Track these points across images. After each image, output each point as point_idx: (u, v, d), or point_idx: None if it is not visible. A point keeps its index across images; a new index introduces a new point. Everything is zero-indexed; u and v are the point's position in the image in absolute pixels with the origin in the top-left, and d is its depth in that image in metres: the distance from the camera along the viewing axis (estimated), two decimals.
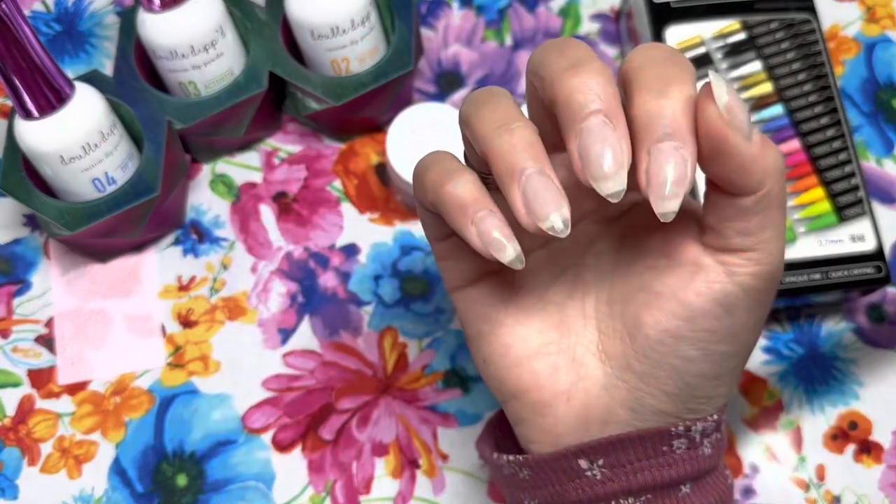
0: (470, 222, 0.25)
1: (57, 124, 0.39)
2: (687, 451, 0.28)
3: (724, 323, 0.26)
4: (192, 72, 0.43)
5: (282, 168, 0.48)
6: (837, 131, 0.44)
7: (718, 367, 0.27)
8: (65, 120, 0.39)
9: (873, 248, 0.42)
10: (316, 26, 0.42)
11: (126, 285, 0.45)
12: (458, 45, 0.51)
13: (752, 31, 0.45)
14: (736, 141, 0.23)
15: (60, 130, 0.39)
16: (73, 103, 0.39)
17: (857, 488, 0.42)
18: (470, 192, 0.25)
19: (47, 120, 0.39)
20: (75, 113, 0.39)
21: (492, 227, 0.24)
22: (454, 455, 0.43)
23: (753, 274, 0.26)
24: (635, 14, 0.47)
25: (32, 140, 0.39)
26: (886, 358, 0.45)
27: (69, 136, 0.39)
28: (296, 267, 0.46)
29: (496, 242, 0.24)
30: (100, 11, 0.51)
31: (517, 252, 0.24)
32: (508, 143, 0.24)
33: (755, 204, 0.25)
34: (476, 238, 0.25)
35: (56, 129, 0.39)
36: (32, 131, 0.39)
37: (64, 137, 0.39)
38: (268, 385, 0.43)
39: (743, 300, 0.26)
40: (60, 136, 0.39)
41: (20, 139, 0.39)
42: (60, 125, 0.39)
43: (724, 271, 0.26)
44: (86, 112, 0.39)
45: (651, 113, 0.23)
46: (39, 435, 0.42)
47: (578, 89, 0.23)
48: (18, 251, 0.46)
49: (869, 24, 0.52)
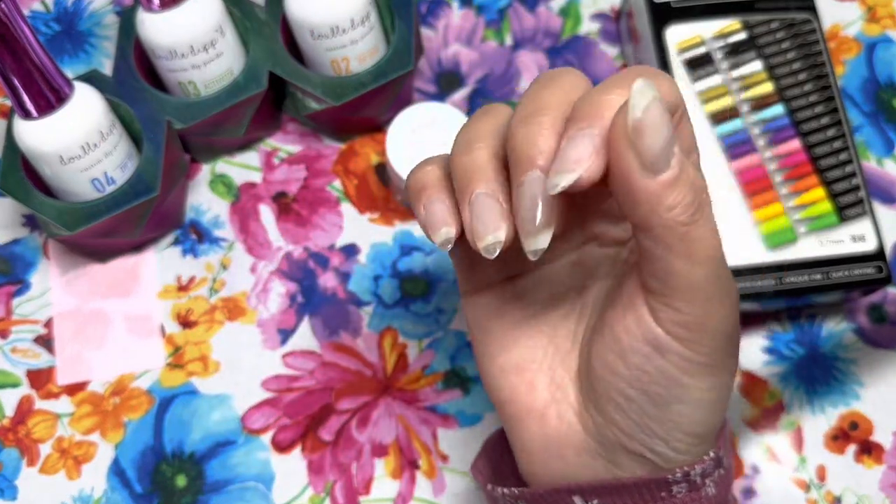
0: (421, 204, 0.26)
1: (56, 124, 0.39)
2: (689, 493, 0.27)
3: (656, 363, 0.25)
4: (191, 71, 0.43)
5: (281, 168, 0.47)
6: (838, 131, 0.44)
7: (664, 412, 0.26)
8: (64, 120, 0.39)
9: (874, 249, 0.42)
10: (316, 26, 0.42)
11: (125, 285, 0.45)
12: (458, 44, 0.50)
13: (753, 31, 0.45)
14: (628, 164, 0.21)
15: (59, 130, 0.39)
16: (73, 103, 0.39)
17: (858, 489, 0.42)
18: (429, 178, 0.26)
19: (46, 120, 0.39)
20: (74, 113, 0.39)
21: (437, 208, 0.26)
22: (454, 456, 0.42)
23: (676, 322, 0.24)
24: (636, 14, 0.47)
25: (31, 140, 0.39)
26: (887, 358, 0.45)
27: (68, 135, 0.39)
28: (295, 267, 0.45)
29: (433, 222, 0.26)
30: (99, 11, 0.51)
31: (447, 236, 0.25)
32: (466, 163, 0.25)
33: (653, 245, 0.23)
34: (422, 216, 0.26)
35: (55, 128, 0.39)
36: (31, 131, 0.39)
37: (63, 137, 0.39)
38: (267, 385, 0.43)
39: (673, 345, 0.24)
40: (60, 135, 0.39)
41: (19, 139, 0.39)
42: (60, 125, 0.39)
43: (648, 312, 0.25)
44: (85, 112, 0.39)
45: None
46: (38, 435, 0.42)
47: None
48: (18, 251, 0.46)
49: (869, 24, 0.52)
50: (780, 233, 0.42)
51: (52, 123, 0.39)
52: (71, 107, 0.39)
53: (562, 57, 0.50)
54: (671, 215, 0.22)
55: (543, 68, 0.50)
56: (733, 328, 0.25)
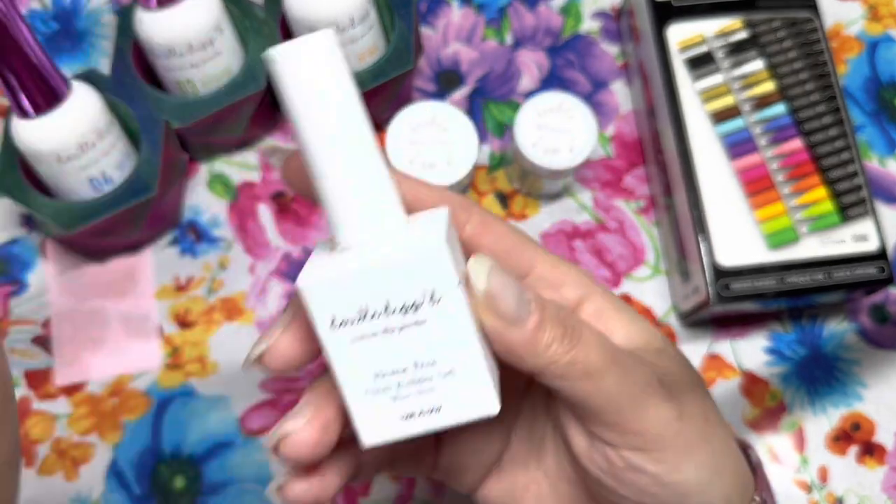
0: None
1: (53, 123, 0.38)
2: None
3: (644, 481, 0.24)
4: (189, 70, 0.43)
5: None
6: (840, 130, 0.44)
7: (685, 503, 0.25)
8: (61, 119, 0.39)
9: (876, 249, 0.42)
10: (315, 24, 0.42)
11: (123, 285, 0.45)
12: (457, 43, 0.50)
13: (755, 30, 0.45)
14: (498, 328, 0.22)
15: (57, 129, 0.38)
16: (70, 102, 0.39)
17: (860, 490, 0.42)
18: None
19: (44, 119, 0.38)
20: (72, 112, 0.39)
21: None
22: None
23: (630, 436, 0.24)
24: (637, 12, 0.47)
25: (29, 139, 0.39)
26: (889, 359, 0.45)
27: (66, 134, 0.39)
28: (294, 267, 0.45)
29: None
30: (97, 10, 0.51)
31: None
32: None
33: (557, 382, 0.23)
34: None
35: (53, 128, 0.38)
36: (29, 130, 0.38)
37: (60, 136, 0.39)
38: (266, 386, 0.43)
39: (642, 457, 0.24)
40: (57, 135, 0.38)
41: (17, 138, 0.39)
42: (57, 124, 0.38)
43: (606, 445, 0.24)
44: (83, 111, 0.39)
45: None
46: (36, 436, 0.42)
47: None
48: (15, 251, 0.45)
49: (871, 23, 0.51)
50: (781, 233, 0.42)
51: (50, 122, 0.38)
52: (68, 106, 0.39)
53: (562, 55, 0.50)
54: (552, 352, 0.23)
55: (544, 67, 0.50)
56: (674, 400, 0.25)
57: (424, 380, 0.22)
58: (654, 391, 0.24)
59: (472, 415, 0.22)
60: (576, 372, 0.23)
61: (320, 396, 0.24)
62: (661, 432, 0.24)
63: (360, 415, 0.22)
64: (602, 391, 0.23)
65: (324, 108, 0.21)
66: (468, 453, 0.28)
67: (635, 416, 0.24)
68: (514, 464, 0.29)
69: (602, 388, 0.23)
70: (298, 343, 0.24)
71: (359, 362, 0.22)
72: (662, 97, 0.44)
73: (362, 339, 0.22)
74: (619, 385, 0.23)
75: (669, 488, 0.25)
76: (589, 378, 0.23)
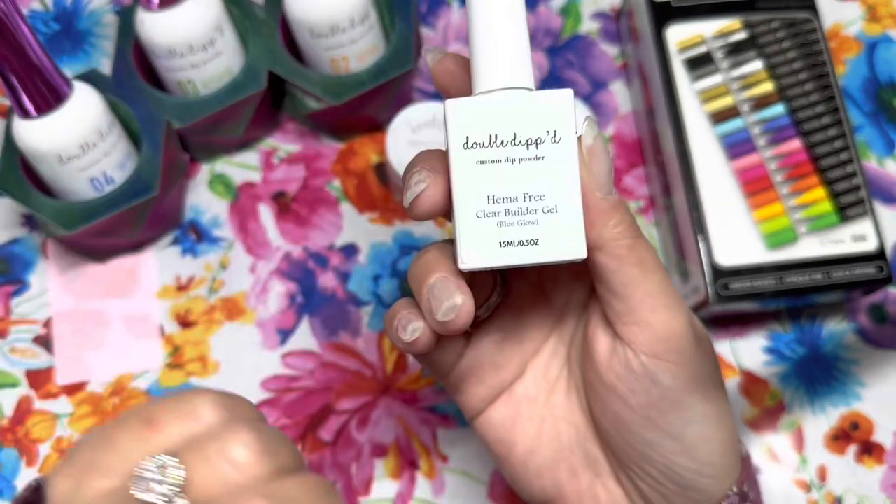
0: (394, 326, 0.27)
1: (55, 123, 0.39)
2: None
3: (654, 394, 0.26)
4: (190, 71, 0.43)
5: (281, 167, 0.47)
6: (839, 131, 0.44)
7: (681, 440, 0.27)
8: (63, 119, 0.39)
9: (875, 248, 0.42)
10: (315, 25, 0.42)
11: (124, 285, 0.45)
12: (458, 43, 0.50)
13: (754, 30, 0.45)
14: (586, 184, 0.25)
15: (58, 130, 0.39)
16: (72, 102, 0.39)
17: (859, 489, 0.42)
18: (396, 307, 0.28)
19: (45, 119, 0.38)
20: (73, 112, 0.39)
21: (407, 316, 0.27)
22: (454, 456, 0.42)
23: (651, 339, 0.26)
24: (636, 13, 0.47)
25: (30, 139, 0.39)
26: (888, 358, 0.45)
27: (67, 135, 0.39)
28: (295, 267, 0.45)
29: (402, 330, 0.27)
30: (98, 10, 0.51)
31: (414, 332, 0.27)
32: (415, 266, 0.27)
33: (607, 259, 0.26)
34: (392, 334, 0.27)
35: (54, 128, 0.39)
36: (30, 130, 0.39)
37: (62, 137, 0.39)
38: (267, 386, 0.43)
39: (659, 366, 0.26)
40: (58, 135, 0.39)
41: (18, 138, 0.39)
42: (58, 124, 0.39)
43: (626, 346, 0.26)
44: (84, 111, 0.39)
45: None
46: (37, 435, 0.42)
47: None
48: (16, 251, 0.46)
49: (870, 24, 0.52)
50: (780, 232, 0.42)
51: (51, 123, 0.39)
52: (70, 106, 0.39)
53: (562, 56, 0.50)
54: (619, 230, 0.25)
55: (543, 68, 0.50)
56: (701, 336, 0.27)
57: (530, 211, 0.25)
58: (685, 313, 0.27)
59: (563, 255, 0.25)
60: (632, 257, 0.26)
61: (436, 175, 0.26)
62: (683, 348, 0.26)
63: (466, 235, 0.25)
64: (646, 283, 0.26)
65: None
66: (488, 365, 0.30)
67: (666, 318, 0.26)
68: (524, 395, 0.30)
69: (647, 280, 0.26)
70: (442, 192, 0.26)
71: (478, 183, 0.25)
72: (662, 97, 0.44)
73: (486, 162, 0.24)
74: (660, 288, 0.26)
75: (678, 408, 0.26)
76: (641, 265, 0.26)
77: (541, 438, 0.30)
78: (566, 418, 0.30)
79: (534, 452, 0.30)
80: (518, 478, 0.31)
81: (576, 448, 0.30)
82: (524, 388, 0.31)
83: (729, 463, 0.28)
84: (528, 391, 0.31)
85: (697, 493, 0.27)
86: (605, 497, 0.29)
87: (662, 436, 0.27)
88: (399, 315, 0.27)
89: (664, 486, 0.28)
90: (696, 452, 0.27)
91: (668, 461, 0.27)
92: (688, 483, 0.27)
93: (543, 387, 0.31)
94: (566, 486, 0.30)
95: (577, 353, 0.30)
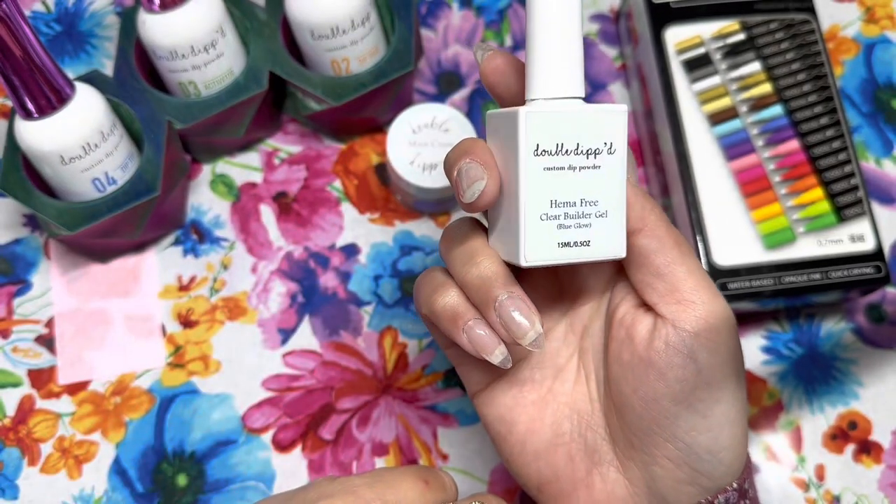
0: (461, 330, 0.28)
1: (57, 124, 0.39)
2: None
3: (690, 370, 0.27)
4: (192, 72, 0.43)
5: (282, 168, 0.48)
6: (837, 131, 0.44)
7: (708, 419, 0.27)
8: (65, 120, 0.39)
9: (873, 248, 0.42)
10: (316, 26, 0.42)
11: (126, 285, 0.45)
12: (457, 45, 0.51)
13: (752, 32, 0.45)
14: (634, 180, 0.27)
15: (60, 130, 0.39)
16: (74, 103, 0.39)
17: (857, 488, 0.42)
18: (457, 303, 0.28)
19: (47, 120, 0.39)
20: (75, 113, 0.39)
21: (481, 332, 0.28)
22: (454, 455, 0.43)
23: (695, 317, 0.27)
24: (635, 14, 0.47)
25: (32, 140, 0.39)
26: (886, 358, 0.45)
27: (69, 136, 0.39)
28: (296, 267, 0.46)
29: (486, 347, 0.27)
30: (100, 11, 0.51)
31: (504, 354, 0.28)
32: (478, 277, 0.27)
33: (648, 241, 0.27)
34: (468, 343, 0.28)
35: (56, 129, 0.39)
36: (32, 131, 0.39)
37: (64, 137, 0.39)
38: (268, 385, 0.43)
39: (698, 342, 0.27)
40: (60, 136, 0.39)
41: (20, 139, 0.39)
42: (60, 125, 0.39)
43: (669, 323, 0.27)
44: (86, 112, 0.39)
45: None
46: (39, 435, 0.42)
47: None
48: (18, 251, 0.46)
49: (868, 25, 0.52)
50: (778, 233, 0.42)
51: (53, 124, 0.39)
52: (72, 107, 0.39)
53: None
54: (656, 212, 0.27)
55: None
56: (733, 319, 0.28)
57: (585, 215, 0.27)
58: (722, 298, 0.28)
59: (609, 254, 0.27)
60: (671, 238, 0.27)
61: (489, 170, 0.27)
62: (721, 328, 0.27)
63: (530, 234, 0.26)
64: (686, 262, 0.27)
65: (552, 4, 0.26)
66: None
67: (707, 298, 0.27)
68: (529, 378, 0.31)
69: (686, 261, 0.27)
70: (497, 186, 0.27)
71: (544, 188, 0.26)
72: (660, 99, 0.44)
73: (552, 169, 0.26)
74: (699, 269, 0.28)
75: (710, 386, 0.27)
76: (679, 247, 0.27)
77: (542, 421, 0.31)
78: (570, 405, 0.31)
79: (533, 433, 0.30)
80: (514, 458, 0.31)
81: (576, 435, 0.30)
82: (530, 372, 0.31)
83: (743, 453, 0.28)
84: (533, 375, 0.31)
85: (709, 479, 0.28)
86: (601, 486, 0.30)
87: (692, 412, 0.27)
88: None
89: (679, 470, 0.28)
90: (719, 433, 0.28)
91: (691, 439, 0.27)
92: (704, 467, 0.28)
93: (550, 372, 0.31)
94: (562, 470, 0.30)
95: (595, 342, 0.31)
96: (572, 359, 0.31)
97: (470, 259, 0.28)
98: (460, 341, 0.28)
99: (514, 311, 0.27)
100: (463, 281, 0.28)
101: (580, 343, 0.31)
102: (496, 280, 0.27)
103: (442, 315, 0.28)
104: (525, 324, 0.27)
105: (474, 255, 0.28)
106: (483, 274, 0.27)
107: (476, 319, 0.28)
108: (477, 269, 0.27)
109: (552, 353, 0.31)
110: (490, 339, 0.27)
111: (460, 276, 0.28)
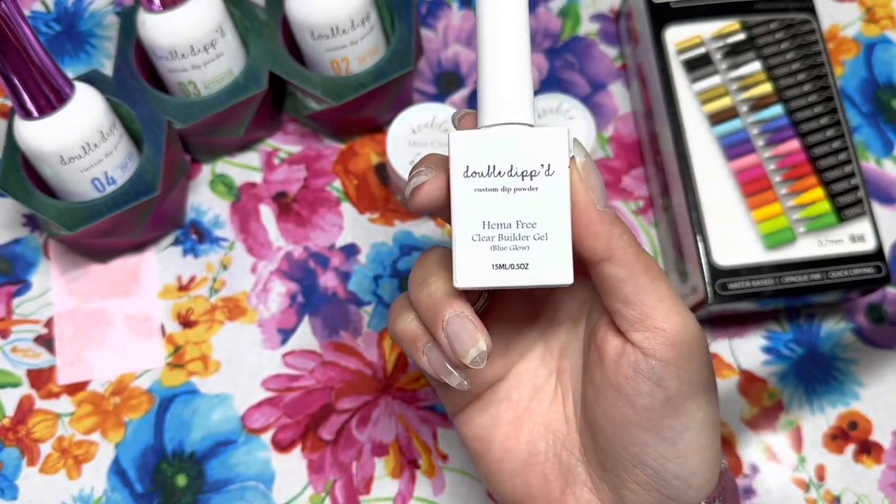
0: (421, 353, 0.28)
1: (57, 124, 0.39)
2: None
3: (658, 398, 0.27)
4: (191, 72, 0.43)
5: (282, 168, 0.48)
6: (837, 131, 0.44)
7: (677, 446, 0.27)
8: (64, 120, 0.39)
9: (873, 248, 0.42)
10: (316, 26, 0.42)
11: (126, 285, 0.45)
12: (457, 45, 0.51)
13: (752, 32, 0.45)
14: (587, 201, 0.26)
15: (60, 130, 0.39)
16: (73, 103, 0.39)
17: (857, 488, 0.42)
18: (415, 326, 0.28)
19: (47, 120, 0.39)
20: (75, 113, 0.39)
21: (437, 355, 0.28)
22: (454, 455, 0.42)
23: (663, 344, 0.27)
24: (635, 14, 0.47)
25: (32, 140, 0.39)
26: (886, 358, 0.45)
27: (69, 135, 0.39)
28: (296, 267, 0.46)
29: (441, 369, 0.28)
30: (100, 11, 0.51)
31: (460, 378, 0.28)
32: (427, 297, 0.27)
33: (616, 269, 0.27)
34: (428, 366, 0.28)
35: (56, 129, 0.39)
36: (32, 131, 0.39)
37: (64, 137, 0.39)
38: (267, 385, 0.43)
39: (668, 370, 0.27)
40: (60, 135, 0.39)
41: (20, 139, 0.39)
42: (60, 125, 0.39)
43: (638, 350, 0.27)
44: (86, 112, 0.39)
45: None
46: (39, 435, 0.42)
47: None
48: (18, 251, 0.46)
49: (868, 25, 0.52)
50: (778, 233, 0.42)
51: (53, 123, 0.39)
52: (71, 107, 0.39)
53: (561, 57, 0.50)
54: (625, 239, 0.27)
55: (543, 69, 0.50)
56: (705, 342, 0.28)
57: (521, 238, 0.26)
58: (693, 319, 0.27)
59: (550, 280, 0.26)
60: (640, 265, 0.27)
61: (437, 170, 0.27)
62: (691, 354, 0.27)
63: (462, 255, 0.26)
64: (656, 290, 0.27)
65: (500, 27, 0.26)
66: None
67: (677, 324, 0.27)
68: (506, 398, 0.31)
69: (657, 288, 0.27)
70: (440, 188, 0.27)
71: (475, 209, 0.26)
72: (660, 98, 0.44)
73: (484, 191, 0.26)
74: (670, 294, 0.27)
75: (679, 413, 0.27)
76: (649, 273, 0.27)
77: (518, 440, 0.31)
78: (546, 425, 0.31)
79: (509, 452, 0.31)
80: (491, 476, 0.31)
81: (551, 455, 0.30)
82: (506, 392, 0.31)
83: (714, 475, 0.28)
84: (510, 395, 0.31)
85: (676, 501, 0.28)
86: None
87: (660, 439, 0.27)
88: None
89: (649, 495, 0.28)
90: (688, 460, 0.28)
91: (660, 466, 0.27)
92: (673, 492, 0.28)
93: (527, 392, 0.31)
94: (537, 490, 0.30)
95: (572, 362, 0.31)
96: (550, 379, 0.31)
97: (423, 281, 0.28)
98: (421, 365, 0.28)
99: (459, 330, 0.27)
100: (416, 303, 0.28)
101: (558, 363, 0.31)
102: (443, 300, 0.27)
103: (403, 338, 0.29)
104: (467, 342, 0.26)
105: (427, 278, 0.28)
106: (432, 294, 0.27)
107: (432, 344, 0.28)
108: (427, 290, 0.28)
109: (530, 373, 0.31)
110: (444, 361, 0.28)
111: (415, 298, 0.28)
